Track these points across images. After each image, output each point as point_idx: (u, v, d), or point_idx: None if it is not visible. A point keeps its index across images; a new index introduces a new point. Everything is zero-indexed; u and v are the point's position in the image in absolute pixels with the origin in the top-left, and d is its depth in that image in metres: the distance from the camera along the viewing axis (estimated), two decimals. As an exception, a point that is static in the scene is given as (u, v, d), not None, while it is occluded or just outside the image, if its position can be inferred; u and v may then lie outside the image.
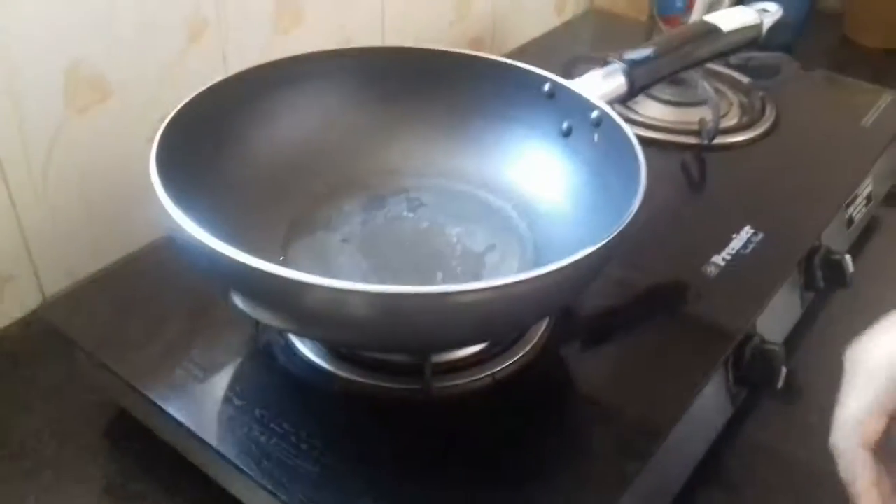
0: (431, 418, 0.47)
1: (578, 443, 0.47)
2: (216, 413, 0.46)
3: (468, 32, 0.91)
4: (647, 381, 0.50)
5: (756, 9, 0.62)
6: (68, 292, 0.55)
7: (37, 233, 0.59)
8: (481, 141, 0.58)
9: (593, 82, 0.54)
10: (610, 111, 0.51)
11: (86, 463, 0.49)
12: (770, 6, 0.63)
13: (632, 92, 0.55)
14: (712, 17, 0.60)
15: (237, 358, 0.49)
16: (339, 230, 0.53)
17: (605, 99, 0.53)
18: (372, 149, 0.57)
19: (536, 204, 0.55)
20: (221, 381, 0.48)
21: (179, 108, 0.47)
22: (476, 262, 0.51)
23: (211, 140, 0.50)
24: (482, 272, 0.51)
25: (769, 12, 0.62)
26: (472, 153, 0.58)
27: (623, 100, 0.55)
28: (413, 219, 0.55)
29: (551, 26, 0.96)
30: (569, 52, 0.84)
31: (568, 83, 0.54)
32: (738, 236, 0.60)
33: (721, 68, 0.79)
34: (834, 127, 0.76)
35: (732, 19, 0.60)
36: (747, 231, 0.61)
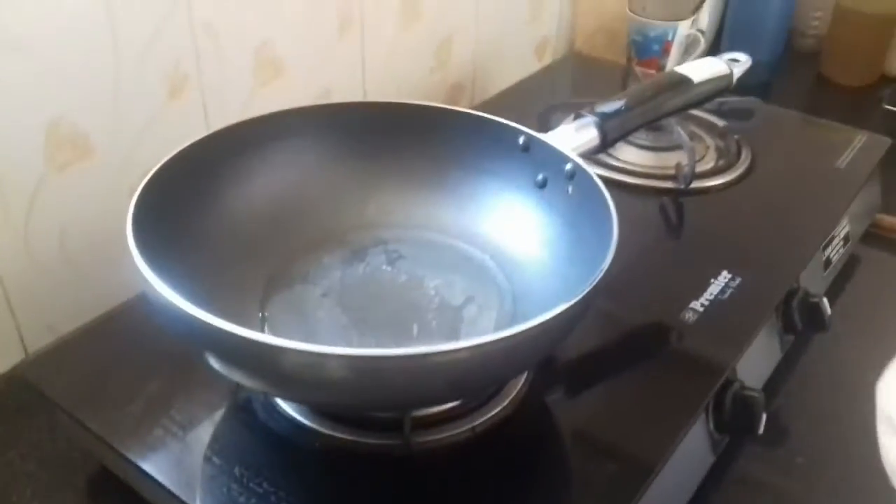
0: (412, 473, 0.47)
1: (559, 494, 0.47)
2: (195, 472, 0.46)
3: (448, 79, 0.92)
4: (628, 431, 0.50)
5: (726, 59, 0.63)
6: (48, 350, 0.55)
7: (18, 288, 0.59)
8: (459, 193, 0.58)
9: (566, 135, 0.55)
10: (583, 164, 0.51)
11: (65, 521, 0.49)
12: (740, 56, 0.64)
13: (604, 144, 0.56)
14: (683, 69, 0.61)
15: (217, 415, 0.49)
16: (319, 284, 0.53)
17: (578, 151, 0.54)
18: (350, 202, 0.58)
19: (514, 255, 0.56)
20: (201, 439, 0.48)
21: (156, 170, 0.47)
22: (454, 316, 0.52)
23: (189, 199, 0.50)
24: (460, 326, 0.51)
25: (739, 62, 0.63)
26: (450, 205, 0.58)
27: (596, 151, 0.56)
28: (392, 272, 0.55)
29: (532, 71, 0.98)
30: (549, 98, 0.86)
31: (542, 136, 0.55)
32: (716, 281, 0.61)
33: (697, 112, 0.80)
34: (809, 168, 0.78)
35: (703, 70, 0.61)
36: (725, 276, 0.61)
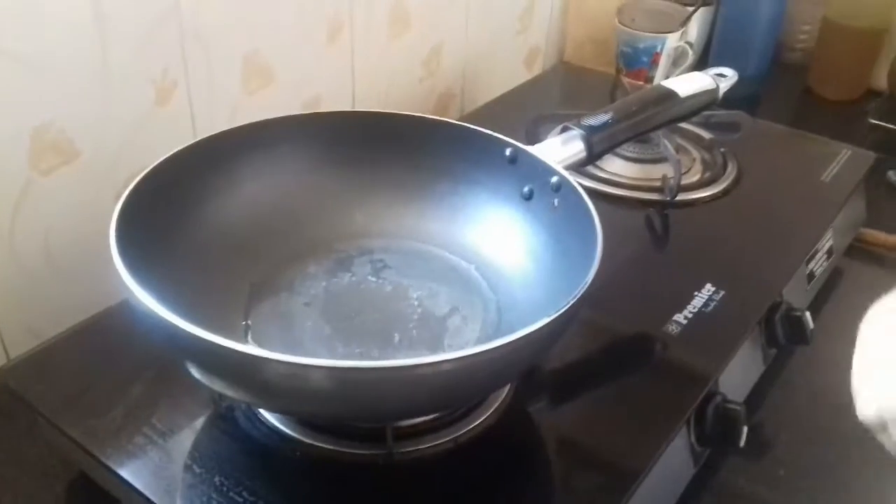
0: (394, 483, 0.47)
1: (544, 502, 0.47)
2: (175, 481, 0.46)
3: (438, 88, 0.93)
4: (610, 442, 0.50)
5: (712, 74, 0.64)
6: (30, 355, 0.54)
7: (1, 292, 0.59)
8: (446, 203, 0.58)
9: (553, 148, 0.55)
10: (568, 177, 0.52)
11: (44, 527, 0.49)
12: (726, 71, 0.65)
13: (591, 157, 0.56)
14: (669, 83, 0.61)
15: (198, 423, 0.49)
16: (303, 293, 0.53)
17: (565, 164, 0.54)
18: (337, 212, 0.58)
19: (499, 266, 0.56)
20: (181, 448, 0.48)
21: (141, 177, 0.47)
22: (438, 327, 0.52)
23: (174, 206, 0.50)
24: (444, 336, 0.51)
25: (725, 77, 0.64)
26: (437, 215, 0.58)
27: (582, 164, 0.56)
28: (377, 281, 0.55)
29: (521, 80, 0.98)
30: (538, 108, 0.86)
31: (528, 149, 0.55)
32: (700, 294, 0.61)
33: (683, 124, 0.80)
34: (794, 182, 0.78)
35: (689, 84, 0.62)
36: (709, 289, 0.62)
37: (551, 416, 0.52)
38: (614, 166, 0.75)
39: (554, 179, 0.53)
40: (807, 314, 0.63)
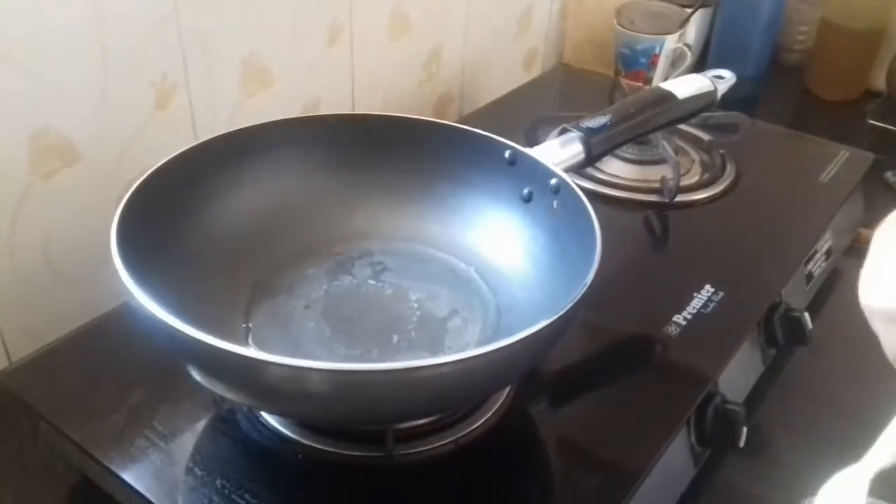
0: (395, 485, 0.47)
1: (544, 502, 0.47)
2: (177, 484, 0.46)
3: (437, 90, 0.93)
4: (610, 443, 0.50)
5: (710, 76, 0.64)
6: (31, 359, 0.55)
7: (2, 296, 0.59)
8: (445, 205, 0.59)
9: (552, 150, 0.55)
10: (567, 180, 0.52)
11: (47, 531, 0.49)
12: (724, 73, 0.65)
13: (589, 159, 0.56)
14: (668, 85, 0.62)
15: (200, 425, 0.49)
16: (303, 296, 0.54)
17: (564, 166, 0.54)
18: (337, 214, 0.58)
19: (498, 268, 0.56)
20: (183, 450, 0.48)
21: (141, 181, 0.48)
22: (439, 328, 0.52)
23: (175, 209, 0.51)
24: (444, 338, 0.51)
25: (723, 79, 0.64)
26: (437, 218, 0.59)
27: (581, 166, 0.57)
28: (377, 284, 0.55)
29: (520, 82, 0.98)
30: (537, 110, 0.86)
31: (528, 151, 0.55)
32: (699, 295, 0.61)
33: (682, 126, 0.81)
34: (793, 183, 0.78)
35: (687, 86, 0.62)
36: (708, 290, 0.62)
37: (552, 417, 0.52)
38: (613, 168, 0.76)
39: (553, 181, 0.53)
40: (806, 315, 0.63)
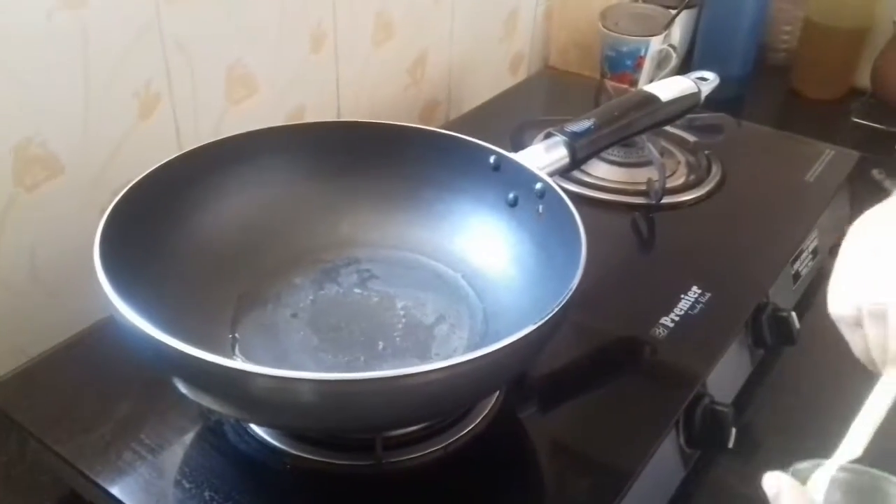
0: (384, 494, 0.47)
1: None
2: (165, 497, 0.45)
3: (423, 95, 0.93)
4: (600, 446, 0.50)
5: (694, 77, 0.64)
6: (17, 373, 0.54)
7: (-13, 309, 0.59)
8: (432, 212, 0.59)
9: (537, 155, 0.55)
10: (552, 184, 0.52)
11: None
12: (708, 75, 0.65)
13: (574, 163, 0.56)
14: (651, 87, 0.62)
15: (187, 438, 0.49)
16: (290, 305, 0.53)
17: (548, 170, 0.54)
18: (323, 222, 0.58)
19: (485, 273, 0.56)
20: (171, 463, 0.47)
21: (125, 192, 0.47)
22: (426, 335, 0.52)
23: (159, 219, 0.50)
24: (432, 345, 0.51)
25: (707, 80, 0.64)
26: (423, 224, 0.59)
27: (566, 170, 0.57)
28: (364, 291, 0.55)
29: (507, 86, 0.99)
30: (524, 113, 0.86)
31: (512, 155, 0.55)
32: (687, 296, 0.62)
33: (668, 127, 0.81)
34: (779, 183, 0.79)
35: (671, 89, 0.62)
36: (695, 291, 0.62)
37: (541, 422, 0.52)
38: (600, 170, 0.76)
39: (538, 186, 0.53)
40: (793, 314, 0.63)
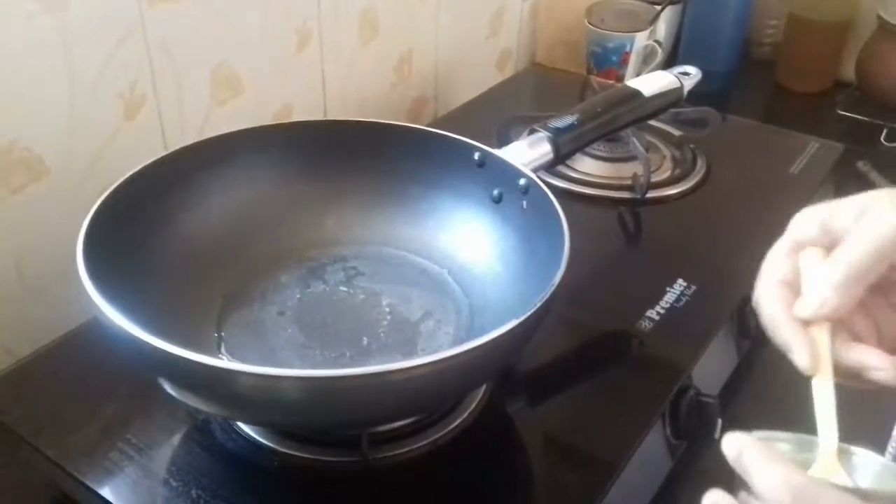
0: (372, 489, 0.47)
1: (521, 500, 0.48)
2: (153, 496, 0.46)
3: (411, 93, 0.93)
4: (586, 438, 0.51)
5: (676, 72, 0.64)
6: (3, 375, 0.54)
7: (-27, 313, 0.59)
8: (417, 209, 0.59)
9: (520, 151, 0.56)
10: (536, 179, 0.52)
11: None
12: (690, 69, 0.66)
13: (558, 158, 0.57)
14: (634, 82, 0.62)
15: (175, 437, 0.49)
16: (276, 303, 0.54)
17: (532, 166, 0.55)
18: (308, 220, 0.58)
19: (471, 269, 0.56)
20: (158, 462, 0.48)
21: (109, 193, 0.47)
22: (412, 331, 0.52)
23: (144, 220, 0.50)
24: (418, 340, 0.51)
25: (690, 75, 0.64)
26: (409, 221, 0.59)
27: (550, 166, 0.57)
28: (350, 289, 0.56)
29: (494, 83, 0.99)
30: (511, 110, 0.86)
31: (496, 152, 0.55)
32: (672, 289, 0.62)
33: (653, 122, 0.81)
34: (764, 176, 0.79)
35: (654, 83, 0.62)
36: (680, 284, 0.62)
37: (528, 416, 0.52)
38: (585, 166, 0.76)
39: (522, 182, 0.54)
40: (778, 306, 0.63)
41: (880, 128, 0.98)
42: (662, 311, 0.60)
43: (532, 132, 0.57)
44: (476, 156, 0.56)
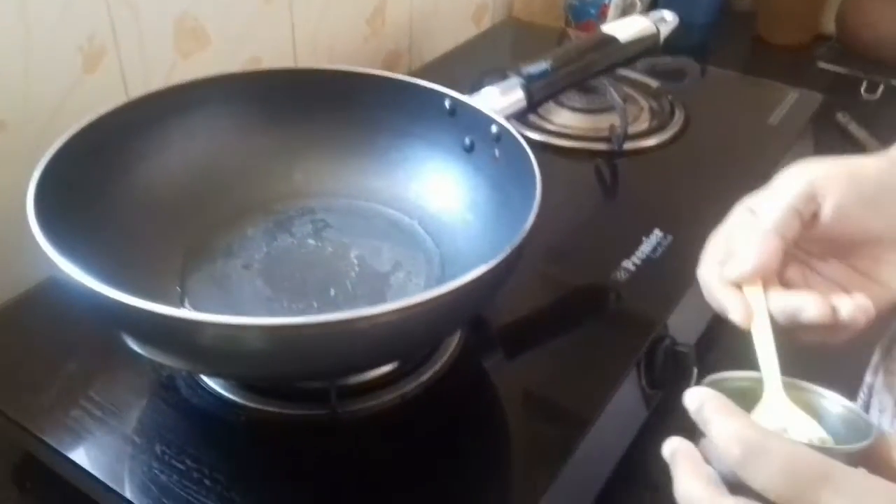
0: (340, 443, 0.46)
1: (493, 453, 0.47)
2: (115, 453, 0.45)
3: (384, 47, 0.91)
4: (561, 389, 0.50)
5: (653, 18, 0.63)
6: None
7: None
8: (387, 159, 0.57)
9: (492, 97, 0.54)
10: (508, 126, 0.51)
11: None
12: (667, 15, 0.64)
13: (531, 105, 0.55)
14: (609, 28, 0.60)
15: (138, 393, 0.48)
16: (241, 256, 0.52)
17: (505, 114, 0.53)
18: (275, 172, 0.56)
19: (442, 219, 0.55)
20: (122, 419, 0.47)
21: (60, 143, 0.46)
22: (381, 283, 0.51)
23: (99, 172, 0.49)
24: (387, 292, 0.50)
25: (666, 21, 0.63)
26: (378, 171, 0.57)
27: (523, 113, 0.56)
28: (318, 241, 0.54)
29: (470, 36, 0.97)
30: (486, 63, 0.84)
31: (467, 99, 0.54)
32: (648, 240, 0.61)
33: (631, 73, 0.80)
34: (742, 126, 0.78)
35: (629, 29, 0.61)
36: (657, 234, 0.62)
37: (503, 368, 0.51)
38: (562, 118, 0.75)
39: (494, 129, 0.52)
40: (755, 255, 0.63)
41: (860, 80, 0.97)
42: (638, 262, 0.59)
43: (504, 78, 0.56)
44: (447, 103, 0.55)
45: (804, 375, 0.37)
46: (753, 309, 0.38)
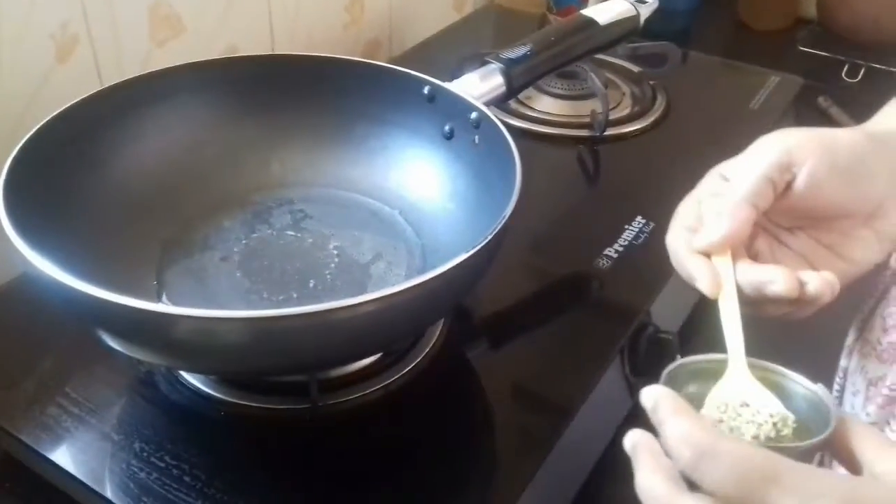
0: (322, 436, 0.46)
1: (478, 441, 0.47)
2: (94, 451, 0.44)
3: (364, 34, 0.90)
4: (544, 378, 0.50)
5: (632, 1, 0.62)
6: (-66, 332, 0.52)
7: None
8: (366, 147, 0.57)
9: (471, 83, 0.53)
10: (487, 112, 0.50)
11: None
12: (647, -4, 0.63)
13: (511, 91, 0.54)
14: (589, 11, 0.60)
15: (116, 390, 0.47)
16: (219, 248, 0.51)
17: (485, 99, 0.53)
18: (252, 162, 0.55)
19: (423, 209, 0.54)
20: (100, 416, 0.46)
21: (30, 136, 0.44)
22: (361, 274, 0.50)
23: (72, 163, 0.47)
24: (367, 283, 0.50)
25: (646, 3, 0.62)
26: (358, 160, 0.57)
27: (503, 99, 0.55)
28: (297, 232, 0.53)
29: (450, 22, 0.96)
30: (467, 50, 0.84)
31: (447, 85, 0.53)
32: (630, 227, 0.61)
33: (612, 58, 0.79)
34: (723, 111, 0.78)
35: (609, 11, 0.60)
36: (639, 221, 0.61)
37: (483, 358, 0.51)
38: (543, 104, 0.74)
39: (473, 116, 0.51)
40: (738, 240, 0.62)
41: (842, 63, 0.97)
42: (621, 249, 0.59)
43: (484, 64, 0.55)
44: (426, 90, 0.54)
45: (781, 361, 0.37)
46: (721, 278, 0.37)
